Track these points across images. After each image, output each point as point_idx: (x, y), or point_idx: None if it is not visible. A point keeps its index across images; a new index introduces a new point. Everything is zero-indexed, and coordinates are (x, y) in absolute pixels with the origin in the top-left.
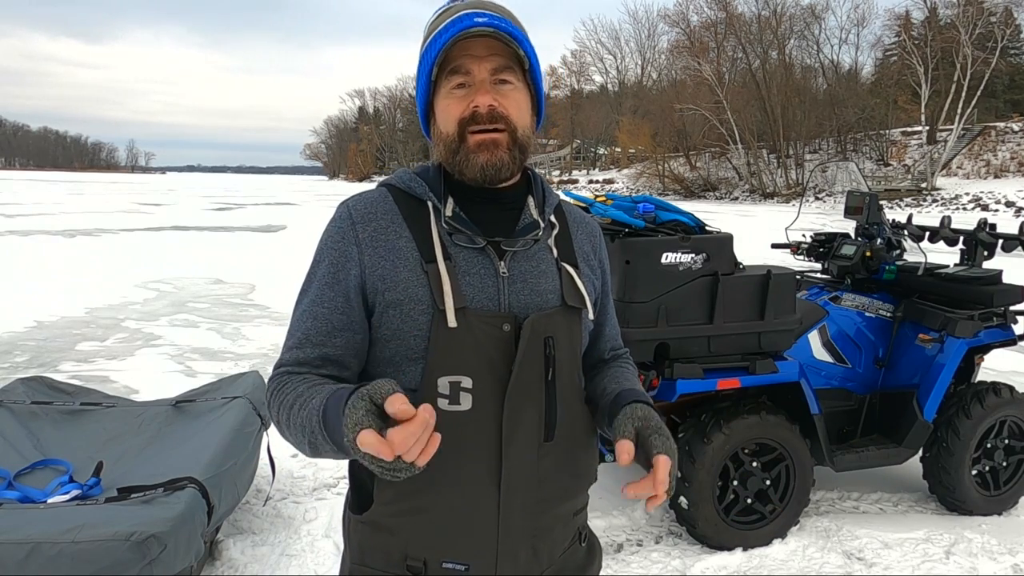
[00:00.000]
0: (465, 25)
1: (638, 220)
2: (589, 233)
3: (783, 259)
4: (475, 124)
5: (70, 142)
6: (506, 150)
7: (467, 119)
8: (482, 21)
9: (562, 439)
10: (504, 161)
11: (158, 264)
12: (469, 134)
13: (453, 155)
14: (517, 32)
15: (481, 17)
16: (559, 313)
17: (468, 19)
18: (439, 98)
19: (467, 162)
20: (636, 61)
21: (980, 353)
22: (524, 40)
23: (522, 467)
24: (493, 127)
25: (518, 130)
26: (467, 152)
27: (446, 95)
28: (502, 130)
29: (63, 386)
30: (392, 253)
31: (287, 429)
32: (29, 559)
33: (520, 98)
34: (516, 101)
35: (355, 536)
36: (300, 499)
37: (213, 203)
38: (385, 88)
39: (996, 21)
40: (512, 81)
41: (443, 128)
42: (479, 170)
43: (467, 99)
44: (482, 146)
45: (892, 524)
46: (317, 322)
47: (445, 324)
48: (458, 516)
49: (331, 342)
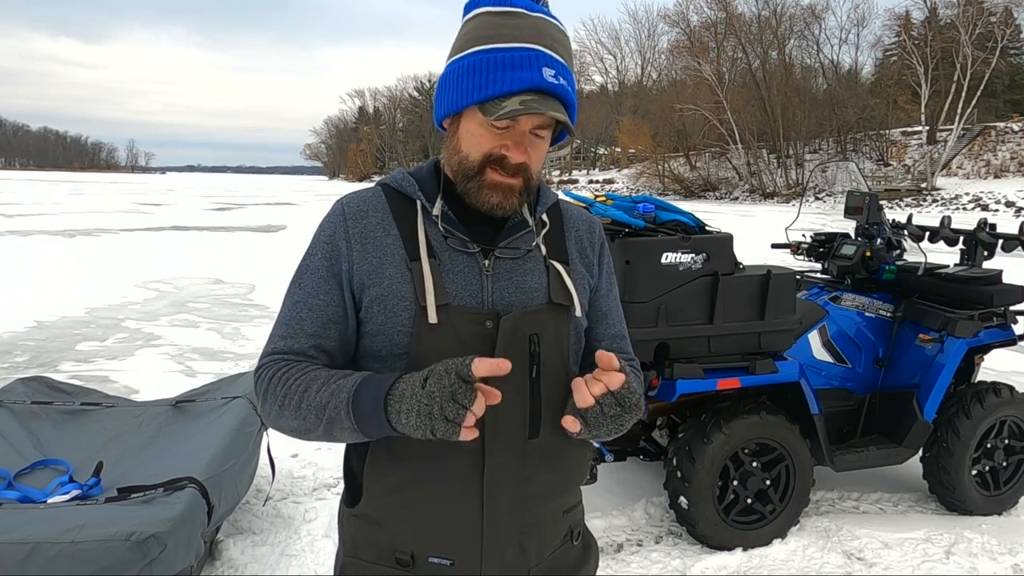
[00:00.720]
0: (536, 82)
1: (638, 220)
2: (588, 231)
3: (783, 259)
4: (499, 166)
5: (70, 142)
6: (518, 195)
7: (494, 160)
8: (551, 82)
9: (548, 436)
10: (514, 205)
11: (158, 264)
12: (490, 170)
13: (466, 180)
14: (574, 97)
15: (550, 69)
16: (545, 310)
17: (538, 70)
18: (471, 117)
19: (479, 195)
20: (636, 61)
21: (980, 353)
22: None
23: (505, 464)
24: (515, 177)
25: (532, 179)
26: (481, 185)
27: (482, 123)
28: (520, 179)
29: (63, 386)
30: (379, 250)
31: (293, 412)
32: (29, 559)
33: (544, 147)
34: (541, 152)
35: (348, 529)
36: (300, 499)
37: (213, 203)
38: (385, 88)
39: (996, 21)
40: (546, 136)
41: (465, 149)
42: (489, 208)
43: (501, 139)
44: (497, 188)
45: (892, 524)
46: (312, 313)
47: (427, 320)
48: (442, 511)
49: (325, 333)
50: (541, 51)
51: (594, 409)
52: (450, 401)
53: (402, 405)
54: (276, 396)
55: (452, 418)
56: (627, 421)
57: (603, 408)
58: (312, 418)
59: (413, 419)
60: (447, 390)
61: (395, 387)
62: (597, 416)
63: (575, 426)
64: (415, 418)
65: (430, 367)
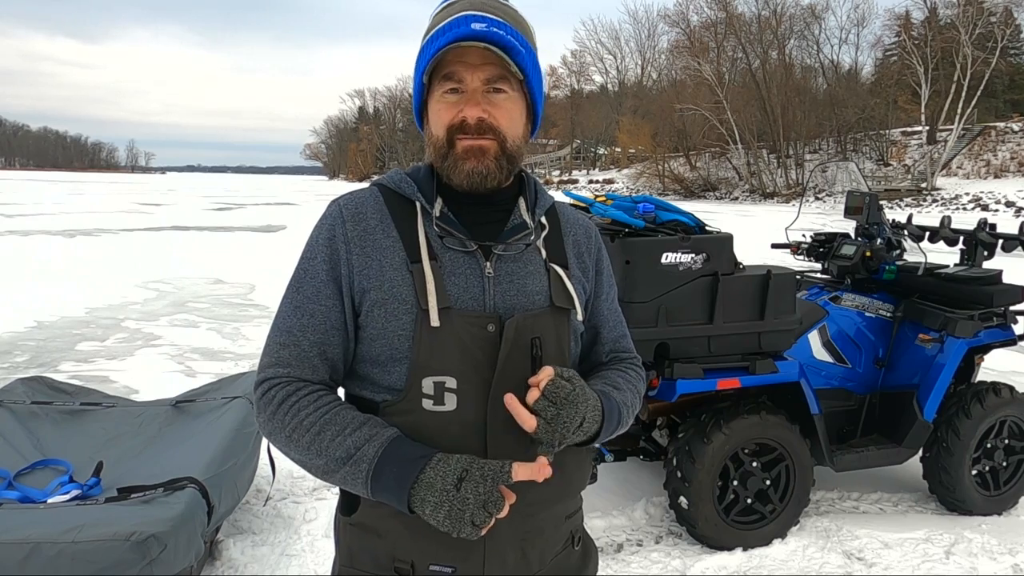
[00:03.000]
0: (461, 32)
1: (638, 220)
2: (584, 234)
3: (783, 259)
4: (463, 133)
5: (70, 142)
6: (493, 159)
7: (456, 127)
8: (479, 29)
9: None
10: (490, 169)
11: (158, 264)
12: (457, 140)
13: (442, 160)
14: (513, 42)
15: (480, 23)
16: (546, 314)
17: (466, 24)
18: (432, 101)
19: (454, 168)
20: (636, 61)
21: (980, 353)
22: (521, 51)
23: None
24: (481, 136)
25: (508, 140)
26: (455, 158)
27: (438, 99)
28: (491, 139)
29: (63, 386)
30: (379, 253)
31: (302, 450)
32: (29, 559)
33: (513, 107)
34: (508, 111)
35: (344, 538)
36: (300, 499)
37: (213, 203)
38: (385, 88)
39: (996, 21)
40: (506, 90)
41: (434, 131)
42: (465, 176)
43: (458, 106)
44: (469, 152)
45: (892, 524)
46: (315, 319)
47: (429, 324)
48: None
49: (329, 340)
50: (469, 13)
51: (540, 424)
52: (481, 509)
53: (429, 497)
54: (284, 426)
55: (479, 524)
56: (569, 418)
57: (544, 416)
58: (321, 464)
59: (440, 517)
60: (481, 498)
61: (423, 476)
62: (545, 428)
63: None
64: (443, 517)
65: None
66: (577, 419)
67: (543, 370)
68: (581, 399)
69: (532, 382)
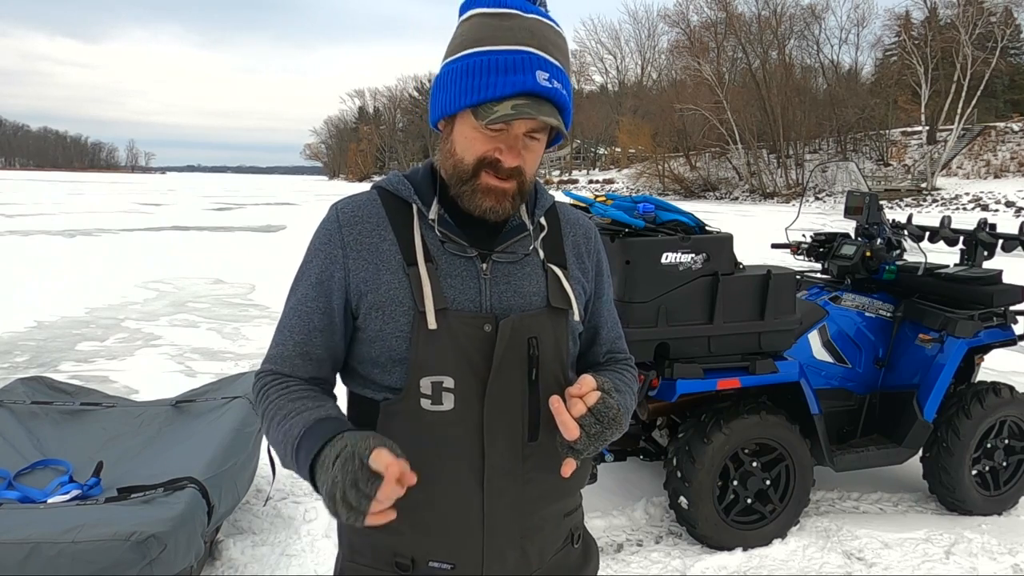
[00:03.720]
0: (528, 88)
1: (638, 220)
2: (584, 235)
3: (783, 259)
4: (492, 169)
5: (70, 142)
6: (511, 199)
7: (487, 163)
8: (544, 85)
9: (547, 439)
10: (507, 209)
11: (158, 264)
12: (484, 174)
13: (460, 184)
14: (567, 100)
15: (544, 72)
16: (543, 314)
17: (531, 73)
18: (463, 121)
19: (472, 198)
20: (636, 61)
21: (980, 353)
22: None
23: (504, 467)
24: (508, 179)
25: (527, 182)
26: (475, 189)
27: (475, 128)
28: (514, 183)
29: (63, 386)
30: (376, 256)
31: (267, 435)
32: (29, 559)
33: (539, 150)
34: (535, 155)
35: (346, 533)
36: (300, 499)
37: (213, 203)
38: (385, 88)
39: (996, 21)
40: (540, 138)
41: (459, 152)
42: (480, 212)
43: (495, 143)
44: (491, 192)
45: (892, 524)
46: (301, 320)
47: (426, 326)
48: (443, 516)
49: (311, 341)
50: (535, 54)
51: (582, 437)
52: (352, 488)
53: (321, 475)
54: (259, 412)
55: (355, 506)
56: (610, 435)
57: (587, 431)
58: (278, 450)
59: (324, 496)
60: (350, 476)
61: (321, 452)
62: (585, 442)
63: (571, 465)
64: (325, 496)
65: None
66: (615, 437)
67: (585, 381)
68: (624, 419)
69: (575, 393)
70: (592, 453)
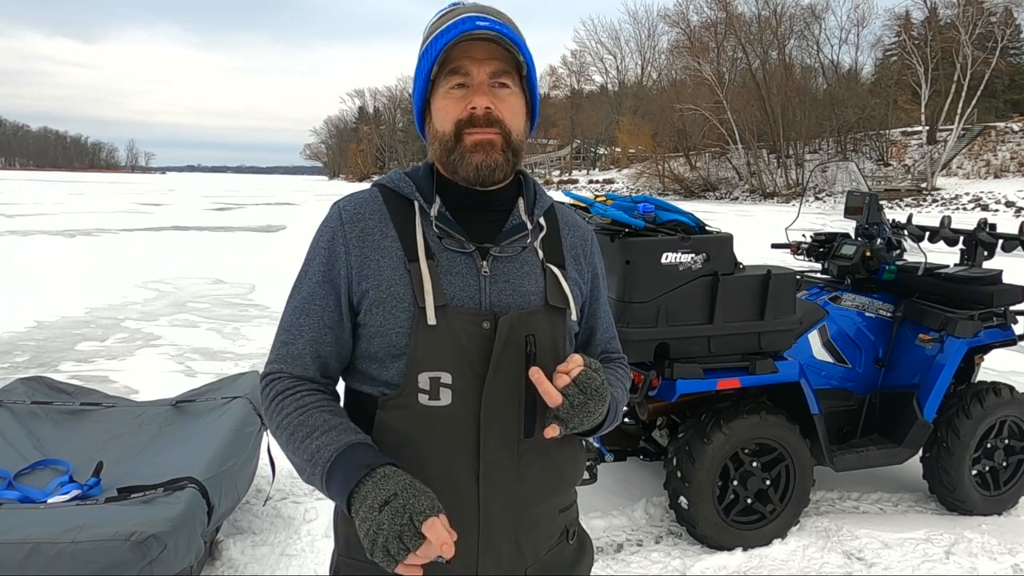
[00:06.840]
0: (467, 27)
1: (638, 220)
2: (581, 237)
3: (783, 259)
4: (472, 126)
5: (70, 142)
6: (500, 151)
7: (464, 120)
8: (484, 25)
9: (542, 436)
10: (498, 162)
11: (158, 264)
12: (465, 134)
13: (448, 154)
14: (517, 38)
15: (483, 21)
16: (541, 312)
17: (470, 22)
18: (437, 97)
19: (462, 161)
20: (636, 61)
21: (980, 353)
22: (523, 46)
23: (500, 463)
24: (489, 129)
25: (512, 133)
26: (463, 151)
27: (444, 95)
28: (497, 132)
29: (63, 386)
30: (377, 252)
31: (284, 447)
32: (29, 559)
33: (516, 103)
34: (512, 105)
35: (342, 529)
36: (300, 499)
37: (213, 203)
38: (385, 88)
39: (996, 21)
40: (509, 85)
41: (439, 127)
42: (474, 169)
43: (465, 100)
44: (478, 146)
45: (892, 524)
46: (310, 319)
47: (425, 321)
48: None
49: (322, 339)
50: (471, 14)
51: (564, 404)
52: (396, 539)
53: (360, 510)
54: (272, 420)
55: (393, 554)
56: (594, 408)
57: (570, 400)
58: (296, 462)
59: (362, 533)
60: (396, 528)
61: (362, 486)
62: (567, 410)
63: (555, 430)
64: (363, 534)
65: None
66: (598, 410)
67: (572, 359)
68: (606, 393)
69: (562, 369)
70: (578, 427)
